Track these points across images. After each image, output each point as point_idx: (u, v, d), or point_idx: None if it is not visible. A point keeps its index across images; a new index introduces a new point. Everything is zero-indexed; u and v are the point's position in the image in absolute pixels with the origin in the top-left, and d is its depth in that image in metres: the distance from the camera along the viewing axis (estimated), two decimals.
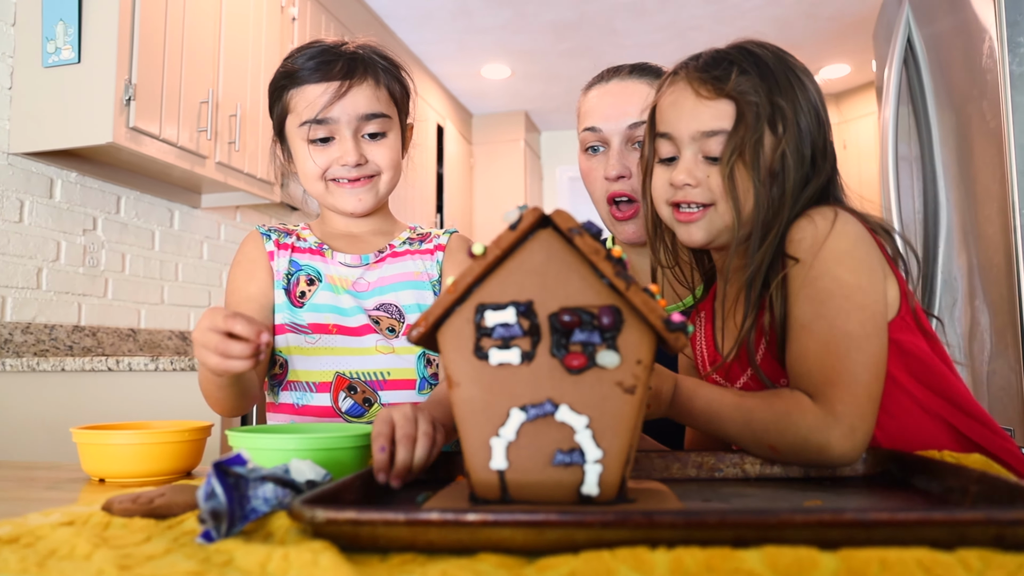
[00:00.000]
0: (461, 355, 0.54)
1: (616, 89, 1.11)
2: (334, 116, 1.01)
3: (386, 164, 1.04)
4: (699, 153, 0.83)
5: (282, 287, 1.04)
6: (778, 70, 0.82)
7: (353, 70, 1.02)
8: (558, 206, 4.08)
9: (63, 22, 2.01)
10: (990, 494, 0.54)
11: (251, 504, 0.53)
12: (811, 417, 0.70)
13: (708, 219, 0.84)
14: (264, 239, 1.07)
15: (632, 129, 1.08)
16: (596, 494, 0.52)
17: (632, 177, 1.08)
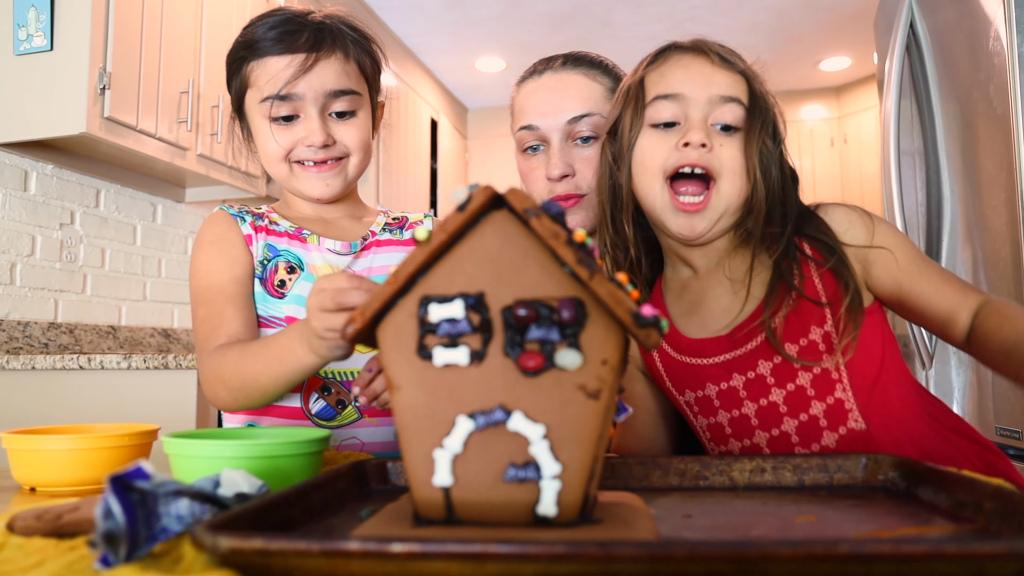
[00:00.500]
0: (402, 354, 0.48)
1: (551, 83, 1.02)
2: (299, 92, 0.92)
3: (355, 145, 0.96)
4: (709, 119, 0.80)
5: (258, 276, 0.95)
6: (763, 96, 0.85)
7: (320, 42, 0.93)
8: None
9: (35, 8, 1.94)
10: (1005, 511, 0.47)
11: (161, 523, 0.46)
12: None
13: (712, 206, 0.80)
14: (238, 221, 0.97)
15: (571, 124, 1.00)
16: (554, 515, 0.45)
17: (576, 175, 1.01)
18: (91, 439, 0.74)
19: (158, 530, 0.46)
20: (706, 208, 0.80)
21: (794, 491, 0.65)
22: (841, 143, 4.65)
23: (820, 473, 0.66)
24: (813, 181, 4.66)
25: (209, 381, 0.85)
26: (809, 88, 4.72)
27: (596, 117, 1.00)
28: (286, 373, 0.77)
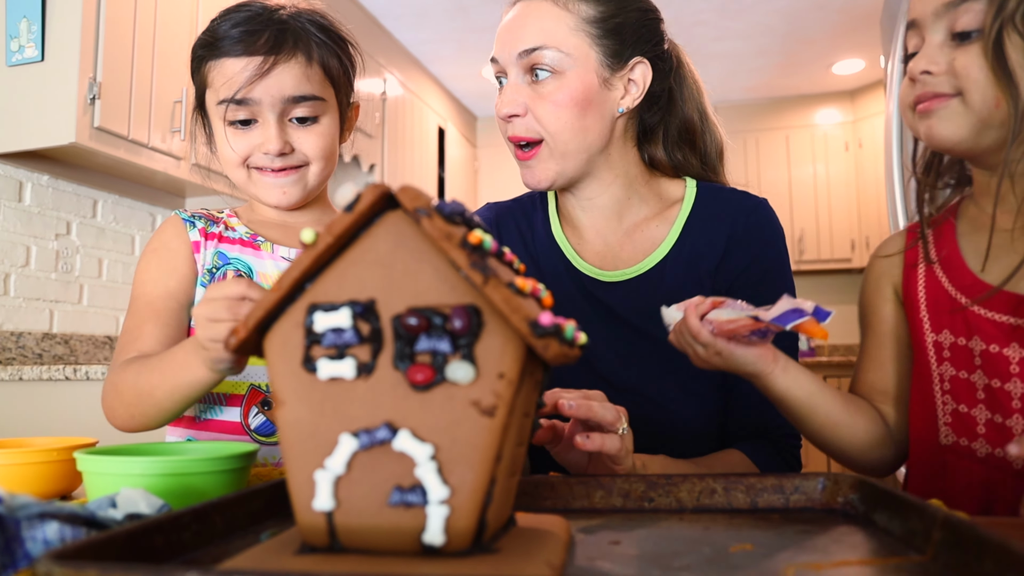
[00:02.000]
0: (288, 367, 0.44)
1: (519, 11, 0.92)
2: (255, 97, 0.88)
3: (315, 154, 0.91)
4: (946, 33, 0.70)
5: (203, 284, 0.92)
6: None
7: (280, 44, 0.88)
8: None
9: (27, 19, 1.95)
10: (954, 543, 0.42)
11: (23, 548, 0.43)
12: None
13: (951, 109, 0.70)
14: (188, 227, 0.94)
15: (523, 57, 0.89)
16: (442, 543, 0.41)
17: (527, 115, 0.89)
18: (21, 454, 0.70)
19: (20, 556, 0.42)
20: (942, 109, 0.71)
21: (745, 514, 0.60)
22: (856, 147, 4.56)
23: (775, 495, 0.61)
24: (828, 186, 4.57)
25: (107, 395, 0.82)
26: (822, 92, 4.65)
27: (552, 51, 0.88)
28: (180, 387, 0.74)
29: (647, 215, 0.98)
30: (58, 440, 0.78)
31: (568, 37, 0.89)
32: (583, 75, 0.89)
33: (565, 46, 0.89)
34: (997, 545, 0.38)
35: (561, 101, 0.88)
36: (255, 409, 0.90)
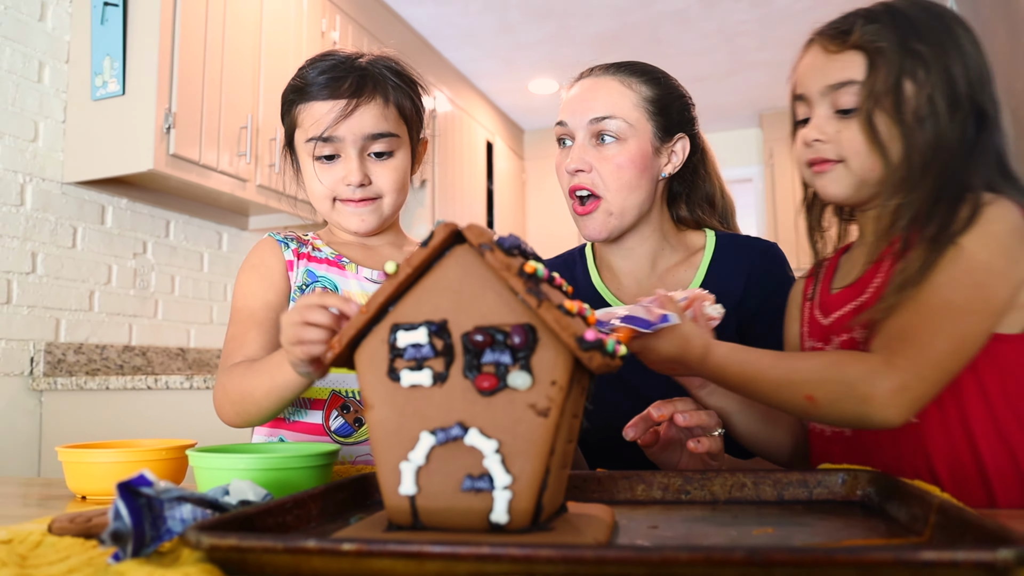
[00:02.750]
0: (376, 376, 0.53)
1: (587, 85, 1.08)
2: (339, 135, 0.99)
3: (389, 187, 1.02)
4: (831, 109, 0.82)
5: (294, 300, 1.02)
6: (919, 18, 0.81)
7: (362, 88, 1.00)
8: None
9: (109, 57, 2.11)
10: (946, 526, 0.49)
11: (167, 525, 0.52)
12: (863, 365, 0.70)
13: (838, 172, 0.83)
14: (282, 247, 1.05)
15: (594, 124, 1.05)
16: (506, 522, 0.49)
17: (592, 171, 1.05)
18: (132, 452, 0.82)
19: (163, 531, 0.52)
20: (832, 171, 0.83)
21: (772, 505, 0.67)
22: None
23: (800, 488, 0.68)
24: None
25: (218, 397, 0.92)
26: None
27: (619, 121, 1.04)
28: (276, 389, 0.84)
29: (676, 262, 1.12)
30: (163, 441, 0.89)
31: (631, 111, 1.05)
32: (641, 143, 1.05)
33: (629, 118, 1.04)
34: (976, 524, 0.44)
35: (622, 163, 1.04)
36: (335, 412, 1.00)
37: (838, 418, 0.71)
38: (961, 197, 0.75)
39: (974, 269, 0.72)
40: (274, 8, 2.57)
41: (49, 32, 2.17)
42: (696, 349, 0.75)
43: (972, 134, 0.78)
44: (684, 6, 3.51)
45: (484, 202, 4.43)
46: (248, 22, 2.43)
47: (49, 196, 2.15)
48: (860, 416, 0.69)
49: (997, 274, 0.72)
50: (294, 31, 2.68)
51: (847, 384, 0.69)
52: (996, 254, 0.72)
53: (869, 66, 0.79)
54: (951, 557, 0.37)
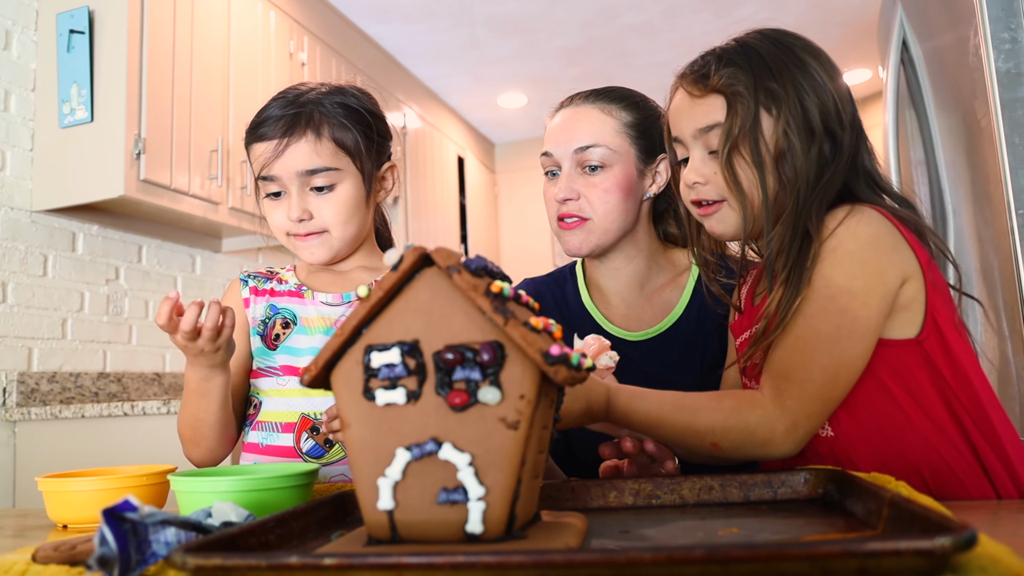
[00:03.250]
0: (351, 396, 0.55)
1: (568, 115, 1.12)
2: (275, 174, 1.02)
3: (333, 220, 1.03)
4: (704, 150, 0.86)
5: (258, 333, 1.07)
6: (770, 53, 0.84)
7: (293, 127, 1.01)
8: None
9: (77, 84, 2.11)
10: (897, 518, 0.52)
11: (152, 548, 0.54)
12: (760, 411, 0.75)
13: (722, 213, 0.86)
14: (242, 285, 1.11)
15: (579, 153, 1.09)
16: (481, 532, 0.51)
17: (580, 199, 1.09)
18: (113, 480, 0.82)
19: (149, 555, 0.53)
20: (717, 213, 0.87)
21: (738, 506, 0.70)
22: None
23: (765, 489, 0.71)
24: None
25: (182, 443, 1.02)
26: None
27: (603, 149, 1.08)
28: (203, 394, 0.96)
29: (663, 282, 1.15)
30: (143, 467, 0.90)
31: (613, 137, 1.09)
32: (626, 168, 1.09)
33: (612, 144, 1.08)
34: (922, 516, 0.47)
35: (609, 188, 1.08)
36: (305, 435, 1.02)
37: (741, 459, 0.78)
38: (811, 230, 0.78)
39: (835, 296, 0.76)
40: (242, 30, 2.58)
41: (14, 60, 2.16)
42: (599, 400, 0.78)
43: (829, 163, 0.82)
44: (647, 18, 3.58)
45: (457, 216, 4.46)
46: (216, 44, 2.44)
47: (18, 225, 2.13)
48: (762, 456, 0.77)
49: (859, 295, 0.76)
50: (262, 53, 2.69)
51: (748, 431, 0.76)
52: (855, 275, 0.76)
53: (728, 109, 0.82)
54: (894, 547, 0.39)
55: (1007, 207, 1.35)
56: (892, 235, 0.78)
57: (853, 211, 0.78)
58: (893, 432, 0.78)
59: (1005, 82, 1.35)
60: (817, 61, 0.85)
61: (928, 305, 0.78)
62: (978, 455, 0.77)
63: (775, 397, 0.76)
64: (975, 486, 0.76)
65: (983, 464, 0.77)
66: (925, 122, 1.80)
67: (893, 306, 0.78)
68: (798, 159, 0.81)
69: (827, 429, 0.81)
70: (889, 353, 0.78)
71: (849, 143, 0.83)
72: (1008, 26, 1.37)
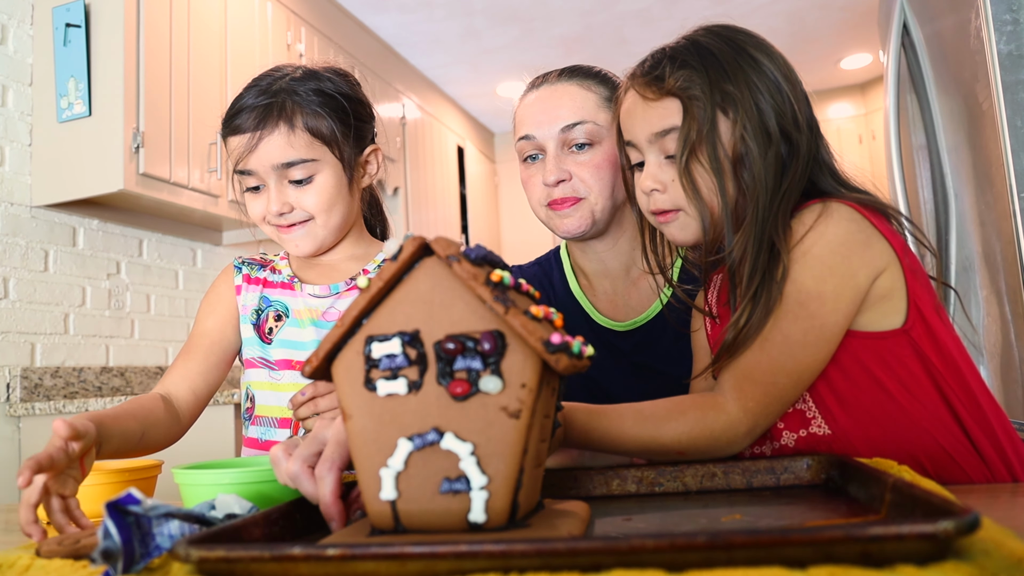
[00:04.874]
0: (352, 387, 0.55)
1: (546, 94, 1.07)
2: (251, 168, 1.00)
3: (315, 209, 1.01)
4: (660, 155, 0.84)
5: (250, 322, 1.07)
6: (724, 54, 0.81)
7: (265, 119, 0.98)
8: None
9: (74, 78, 2.10)
10: (899, 503, 0.52)
11: (155, 541, 0.54)
12: (724, 418, 0.76)
13: (680, 221, 0.84)
14: (235, 272, 1.09)
15: (565, 132, 1.05)
16: (483, 521, 0.51)
17: (572, 179, 1.05)
18: (97, 475, 0.82)
19: (152, 547, 0.54)
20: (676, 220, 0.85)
21: (741, 493, 0.70)
22: (869, 139, 4.60)
23: (768, 475, 0.71)
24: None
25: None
26: (833, 87, 4.70)
27: (589, 124, 1.04)
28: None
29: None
30: (128, 462, 0.90)
31: (597, 112, 1.05)
32: (612, 143, 1.04)
33: (598, 119, 1.05)
34: (924, 500, 0.47)
35: (600, 164, 1.04)
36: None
37: (703, 458, 0.77)
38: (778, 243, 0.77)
39: (806, 301, 0.75)
40: (238, 22, 2.57)
41: (11, 55, 2.16)
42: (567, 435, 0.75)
43: (787, 166, 0.80)
44: (646, 5, 3.56)
45: (457, 207, 4.45)
46: (213, 36, 2.43)
47: (19, 220, 2.13)
48: (722, 455, 0.77)
49: (829, 300, 0.75)
50: (259, 44, 2.68)
51: (713, 438, 0.76)
52: (824, 278, 0.75)
53: (684, 112, 0.80)
54: (896, 531, 0.39)
55: (1009, 190, 1.35)
56: (864, 231, 0.76)
57: (823, 212, 0.76)
58: (889, 423, 0.77)
59: (1007, 64, 1.35)
60: (771, 60, 0.82)
61: (909, 292, 0.78)
62: (971, 439, 0.77)
63: (738, 399, 0.76)
64: (974, 470, 0.76)
65: (977, 448, 0.77)
66: (926, 106, 1.79)
67: (871, 298, 0.77)
68: (755, 164, 0.79)
69: (824, 428, 0.80)
70: (877, 345, 0.77)
71: (807, 145, 0.81)
72: (1010, 7, 1.37)
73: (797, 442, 0.82)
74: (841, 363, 0.79)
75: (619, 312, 1.11)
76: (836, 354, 0.78)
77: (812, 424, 0.82)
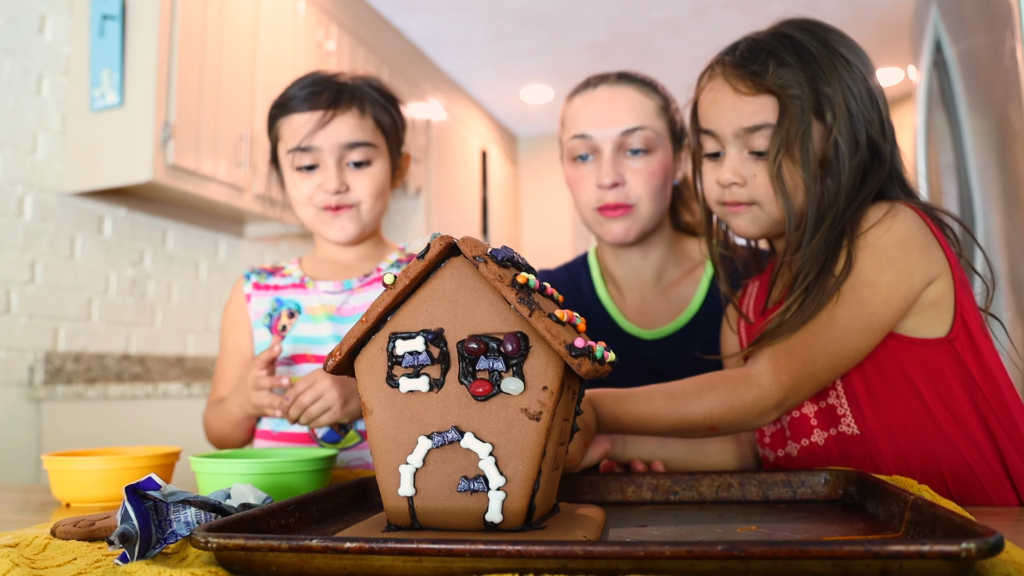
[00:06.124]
0: (374, 383, 0.55)
1: (606, 95, 1.06)
2: (317, 144, 1.03)
3: (366, 194, 1.05)
4: (744, 149, 0.82)
5: (265, 325, 1.10)
6: (821, 54, 0.80)
7: (339, 99, 1.04)
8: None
9: (108, 69, 2.13)
10: (919, 521, 0.51)
11: (172, 527, 0.55)
12: (756, 390, 0.75)
13: (752, 214, 0.84)
14: (244, 282, 1.14)
15: (625, 136, 1.04)
16: (500, 521, 0.51)
17: (626, 185, 1.04)
18: (116, 460, 0.82)
19: (169, 533, 0.54)
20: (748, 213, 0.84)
21: (757, 504, 0.69)
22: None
23: (784, 488, 0.71)
24: None
25: (206, 429, 1.10)
26: None
27: (648, 131, 1.04)
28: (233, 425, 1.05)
29: (679, 276, 1.12)
30: (148, 449, 0.91)
31: (656, 120, 1.05)
32: (666, 152, 1.06)
33: (656, 127, 1.05)
34: (946, 519, 0.47)
35: (655, 172, 1.04)
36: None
37: (734, 431, 0.78)
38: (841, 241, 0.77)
39: (858, 285, 0.75)
40: (271, 19, 2.59)
41: (48, 45, 2.19)
42: (585, 413, 0.74)
43: (868, 175, 0.79)
44: (676, 15, 3.55)
45: (479, 210, 4.46)
46: (245, 33, 2.45)
47: (48, 207, 2.17)
48: (753, 427, 0.78)
49: (882, 290, 0.75)
50: (290, 41, 2.71)
51: (744, 410, 0.76)
52: (882, 269, 0.75)
53: (781, 112, 0.78)
54: (918, 549, 0.39)
55: None
56: (925, 235, 0.77)
57: (890, 211, 0.76)
58: (919, 433, 0.77)
59: None
60: (861, 62, 0.82)
61: (957, 304, 0.78)
62: (1003, 460, 0.76)
63: (772, 370, 0.76)
64: (997, 493, 0.75)
65: (1008, 469, 0.76)
66: (956, 125, 1.77)
67: (922, 303, 0.77)
68: (843, 169, 0.78)
69: (853, 427, 0.80)
70: (921, 352, 0.77)
71: (889, 155, 0.81)
72: None
73: (827, 441, 0.82)
74: (880, 364, 0.78)
75: (647, 321, 1.11)
76: (877, 354, 0.78)
77: (842, 422, 0.81)
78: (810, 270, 0.77)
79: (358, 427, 1.02)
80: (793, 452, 0.85)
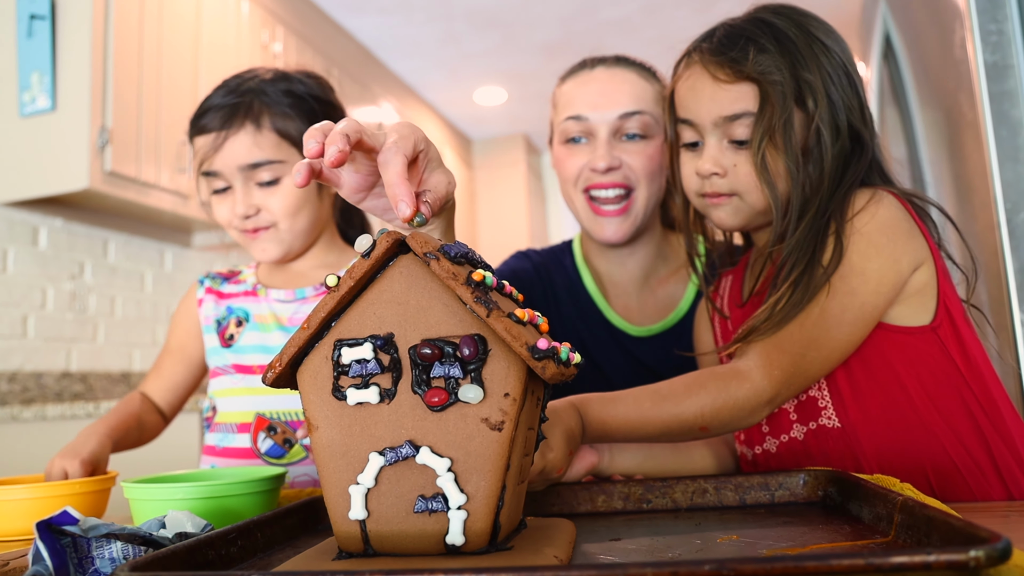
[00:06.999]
0: (319, 396, 0.50)
1: (604, 77, 1.00)
2: (217, 168, 0.97)
3: (281, 213, 0.97)
4: (723, 139, 0.80)
5: (213, 331, 1.04)
6: (800, 40, 0.78)
7: (230, 118, 0.95)
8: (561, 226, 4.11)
9: (38, 72, 2.02)
10: (910, 524, 0.48)
11: (95, 565, 0.49)
12: (748, 386, 0.72)
13: (733, 205, 0.81)
14: (198, 286, 1.09)
15: (623, 119, 0.99)
16: (462, 543, 0.47)
17: (622, 167, 0.99)
18: (42, 489, 0.74)
19: (91, 572, 0.48)
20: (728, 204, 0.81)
21: (734, 510, 0.66)
22: None
23: (761, 491, 0.67)
24: None
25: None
26: None
27: (647, 116, 0.99)
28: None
29: (667, 273, 1.08)
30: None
31: (654, 106, 1.01)
32: (661, 140, 1.00)
33: (655, 113, 1.00)
34: (942, 522, 0.44)
35: (653, 156, 1.00)
36: (263, 434, 0.97)
37: (724, 433, 0.75)
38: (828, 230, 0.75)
39: (847, 275, 0.73)
40: (213, 18, 2.50)
41: None
42: (570, 418, 0.69)
43: (851, 163, 0.78)
44: (627, 14, 3.55)
45: None
46: (185, 33, 2.36)
47: None
48: (745, 425, 0.75)
49: (871, 279, 0.73)
50: (234, 42, 2.62)
51: (737, 407, 0.72)
52: (870, 257, 0.73)
53: (762, 99, 0.76)
54: (923, 559, 0.36)
55: (993, 201, 1.33)
56: (908, 221, 0.75)
57: (873, 197, 0.74)
58: (901, 426, 0.75)
59: (992, 75, 1.33)
60: (839, 46, 0.79)
61: (940, 291, 0.76)
62: (990, 450, 0.74)
63: (763, 366, 0.73)
64: (979, 486, 0.73)
65: (995, 461, 0.74)
66: (908, 118, 1.78)
67: (907, 291, 0.75)
68: (826, 156, 0.76)
69: (834, 420, 0.78)
70: (904, 341, 0.75)
71: (870, 140, 0.79)
72: (995, 18, 1.35)
73: (806, 436, 0.79)
74: (864, 354, 0.76)
75: (633, 318, 1.06)
76: (860, 344, 0.76)
77: (823, 415, 0.79)
78: (797, 261, 0.75)
79: (303, 443, 0.96)
80: (772, 448, 0.82)
